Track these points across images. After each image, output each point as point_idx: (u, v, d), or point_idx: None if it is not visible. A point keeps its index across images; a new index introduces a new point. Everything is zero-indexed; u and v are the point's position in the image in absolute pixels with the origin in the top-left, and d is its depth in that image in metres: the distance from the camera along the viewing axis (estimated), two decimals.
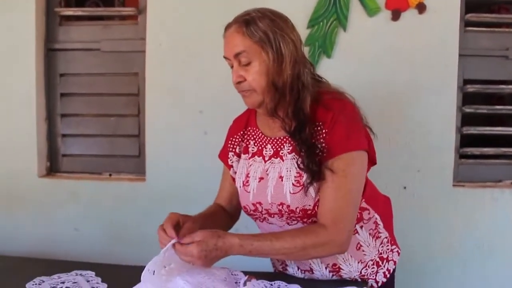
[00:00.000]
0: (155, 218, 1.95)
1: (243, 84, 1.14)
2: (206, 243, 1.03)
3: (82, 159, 2.08)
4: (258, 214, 1.21)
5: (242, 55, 1.12)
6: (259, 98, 1.14)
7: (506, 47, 1.97)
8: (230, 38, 1.14)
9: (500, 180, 2.02)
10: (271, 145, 1.21)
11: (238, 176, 1.27)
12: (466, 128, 1.99)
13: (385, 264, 1.27)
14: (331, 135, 1.10)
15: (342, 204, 1.09)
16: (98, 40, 2.00)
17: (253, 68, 1.11)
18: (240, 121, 1.34)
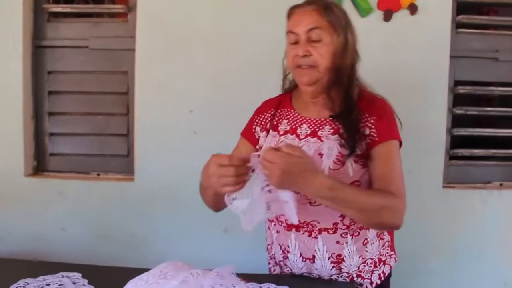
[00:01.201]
0: (144, 218, 1.98)
1: (308, 58, 1.18)
2: (299, 162, 1.01)
3: (69, 158, 2.05)
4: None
5: (315, 31, 1.18)
6: (317, 75, 1.19)
7: (496, 49, 1.98)
8: (305, 14, 1.20)
9: (489, 181, 2.03)
10: (307, 125, 1.26)
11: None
12: (457, 130, 2.00)
13: (381, 267, 1.29)
14: (380, 123, 1.19)
15: (400, 182, 1.17)
16: (87, 38, 1.97)
17: (322, 46, 1.18)
18: (271, 102, 1.37)
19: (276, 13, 1.85)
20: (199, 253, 1.94)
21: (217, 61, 1.90)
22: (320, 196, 1.08)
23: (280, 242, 1.28)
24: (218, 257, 1.95)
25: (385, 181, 1.16)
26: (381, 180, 1.16)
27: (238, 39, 1.90)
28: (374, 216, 1.12)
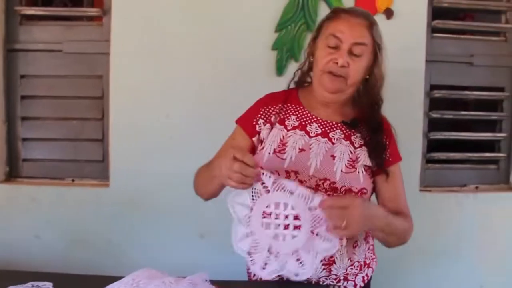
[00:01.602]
0: (119, 224, 1.95)
1: (344, 69, 1.19)
2: (363, 200, 1.13)
3: (43, 164, 2.00)
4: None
5: (360, 47, 1.19)
6: (343, 87, 1.21)
7: (471, 53, 2.00)
8: (355, 26, 1.20)
9: (465, 184, 2.05)
10: (317, 125, 1.28)
11: (269, 143, 1.26)
12: (433, 133, 2.01)
13: (366, 269, 1.32)
14: (391, 143, 1.29)
15: (407, 203, 1.31)
16: (61, 41, 1.92)
17: (361, 62, 1.20)
18: (277, 96, 1.36)
19: (252, 17, 1.88)
20: (175, 259, 1.90)
21: (193, 65, 1.88)
22: (378, 228, 1.17)
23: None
24: (195, 263, 1.91)
25: (398, 202, 1.28)
26: (395, 201, 1.27)
27: (214, 43, 1.88)
28: (399, 238, 1.24)
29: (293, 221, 1.05)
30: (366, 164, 1.24)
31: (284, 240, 1.04)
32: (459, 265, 2.02)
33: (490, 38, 2.05)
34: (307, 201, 1.05)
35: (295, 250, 1.04)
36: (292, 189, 1.06)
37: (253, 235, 1.06)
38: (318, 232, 1.05)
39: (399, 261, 1.96)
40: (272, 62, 1.88)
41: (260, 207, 1.06)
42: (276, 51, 1.87)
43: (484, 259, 2.03)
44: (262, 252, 1.04)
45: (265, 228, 1.05)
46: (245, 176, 1.06)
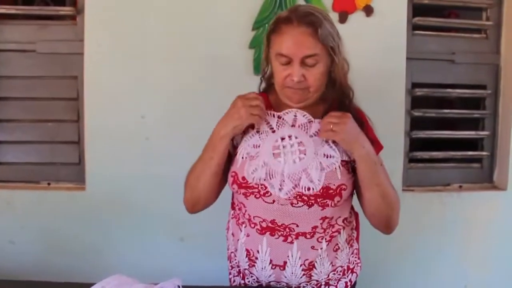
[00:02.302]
0: (96, 228, 1.90)
1: (303, 82, 1.16)
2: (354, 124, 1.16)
3: (18, 167, 1.95)
4: (259, 187, 1.18)
5: (311, 58, 1.14)
6: (307, 95, 1.19)
7: (453, 51, 1.98)
8: (300, 38, 1.13)
9: (448, 183, 2.03)
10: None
11: (243, 147, 1.23)
12: (415, 132, 1.99)
13: (349, 275, 1.29)
14: (368, 133, 1.23)
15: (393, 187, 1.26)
16: (34, 41, 1.88)
17: (317, 70, 1.16)
18: None
19: (229, 15, 1.84)
20: (155, 264, 1.88)
21: (168, 64, 1.84)
22: (371, 159, 1.16)
23: (248, 247, 1.23)
24: (174, 268, 1.89)
25: None
26: None
27: (190, 42, 1.84)
28: (388, 206, 1.21)
29: (298, 147, 1.18)
30: (343, 159, 1.20)
31: (294, 163, 1.16)
32: (443, 265, 2.00)
33: (472, 36, 2.03)
34: (307, 130, 1.20)
35: (304, 169, 1.16)
36: (293, 122, 1.21)
37: (267, 165, 1.17)
38: (320, 152, 1.18)
39: (381, 261, 1.94)
40: (250, 61, 1.84)
41: (269, 143, 1.20)
42: (253, 50, 1.83)
43: (469, 258, 2.02)
44: (277, 177, 1.16)
45: (276, 157, 1.18)
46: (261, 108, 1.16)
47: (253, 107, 1.15)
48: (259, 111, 1.16)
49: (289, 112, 1.21)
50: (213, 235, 1.81)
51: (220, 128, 1.21)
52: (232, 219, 1.32)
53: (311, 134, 1.20)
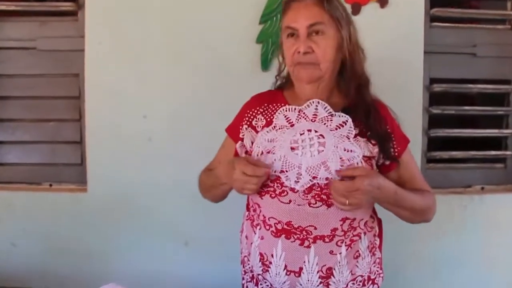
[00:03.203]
0: (99, 231, 1.84)
1: (310, 55, 1.13)
2: (371, 179, 1.06)
3: (19, 168, 1.90)
4: (275, 185, 1.14)
5: (317, 26, 1.12)
6: (318, 73, 1.15)
7: (474, 43, 1.86)
8: (306, 8, 1.14)
9: (469, 185, 1.92)
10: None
11: (257, 145, 1.19)
12: (434, 131, 1.88)
13: (370, 286, 1.21)
14: (394, 129, 1.20)
15: (424, 181, 1.27)
16: (34, 38, 1.82)
17: (324, 41, 1.12)
18: (261, 96, 1.29)
19: (234, 8, 1.75)
20: (158, 268, 1.83)
21: (172, 61, 1.77)
22: (388, 202, 1.13)
23: (262, 251, 1.16)
24: (179, 272, 1.82)
25: (416, 182, 1.23)
26: (413, 181, 1.22)
27: (195, 38, 1.76)
28: (421, 214, 1.20)
29: (318, 140, 1.12)
30: (365, 154, 1.14)
31: (313, 156, 1.11)
32: (465, 273, 1.89)
33: (495, 27, 1.91)
34: (327, 125, 1.14)
35: (323, 162, 1.10)
36: (313, 116, 1.16)
37: (284, 158, 1.12)
38: (341, 146, 1.12)
39: (399, 267, 1.84)
40: (257, 57, 1.75)
41: (287, 137, 1.14)
42: (260, 45, 1.74)
43: (491, 265, 1.89)
44: (294, 169, 1.11)
45: (293, 150, 1.13)
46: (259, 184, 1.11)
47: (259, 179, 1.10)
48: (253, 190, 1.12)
49: (310, 104, 1.16)
50: (219, 239, 1.76)
51: (223, 176, 1.19)
52: (247, 221, 1.25)
53: (332, 128, 1.14)
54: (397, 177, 1.21)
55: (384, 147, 1.17)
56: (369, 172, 1.09)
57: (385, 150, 1.17)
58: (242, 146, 1.24)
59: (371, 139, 1.16)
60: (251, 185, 1.09)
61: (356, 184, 1.04)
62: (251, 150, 1.21)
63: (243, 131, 1.23)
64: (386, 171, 1.21)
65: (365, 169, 1.10)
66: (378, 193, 1.08)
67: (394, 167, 1.20)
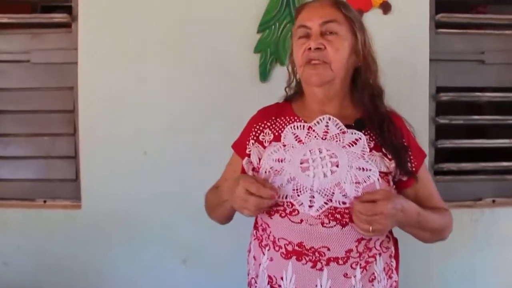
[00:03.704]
0: (94, 249, 1.77)
1: (321, 52, 1.08)
2: (394, 201, 1.00)
3: (12, 184, 1.84)
4: (285, 204, 1.07)
5: (331, 25, 1.09)
6: (330, 74, 1.10)
7: (482, 50, 1.79)
8: (321, 7, 1.13)
9: (480, 198, 1.83)
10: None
11: (265, 161, 1.13)
12: (441, 142, 1.80)
13: None
14: (410, 142, 1.16)
15: (440, 198, 1.22)
16: (28, 51, 1.78)
17: (337, 40, 1.09)
18: (268, 110, 1.24)
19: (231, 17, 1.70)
20: (155, 286, 1.75)
21: (168, 73, 1.72)
22: (411, 224, 1.08)
23: (270, 273, 1.09)
24: None
25: (431, 200, 1.18)
26: (428, 200, 1.17)
27: (191, 48, 1.71)
28: (440, 234, 1.17)
29: (330, 159, 1.07)
30: (382, 170, 1.08)
31: (325, 176, 1.05)
32: None
33: (503, 32, 1.83)
34: (340, 142, 1.09)
35: (337, 183, 1.04)
36: (323, 134, 1.10)
37: (294, 180, 1.06)
38: (355, 165, 1.06)
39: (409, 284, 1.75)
40: (255, 67, 1.69)
41: (297, 157, 1.08)
42: (259, 54, 1.69)
43: (506, 283, 1.80)
44: (306, 192, 1.04)
45: (304, 171, 1.06)
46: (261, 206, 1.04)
47: (261, 200, 1.02)
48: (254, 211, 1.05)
49: (320, 121, 1.12)
50: (222, 257, 1.70)
51: (226, 194, 1.13)
52: (254, 241, 1.18)
53: (344, 145, 1.09)
54: (415, 194, 1.16)
55: (401, 161, 1.11)
56: (390, 195, 1.03)
57: (402, 164, 1.11)
58: (249, 162, 1.19)
59: (387, 153, 1.10)
60: (251, 205, 1.02)
61: (379, 208, 0.98)
62: (258, 167, 1.15)
63: (249, 147, 1.19)
64: (403, 188, 1.15)
65: (385, 191, 1.04)
66: (401, 216, 1.02)
67: (412, 183, 1.15)
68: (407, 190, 1.16)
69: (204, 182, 1.30)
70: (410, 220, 1.06)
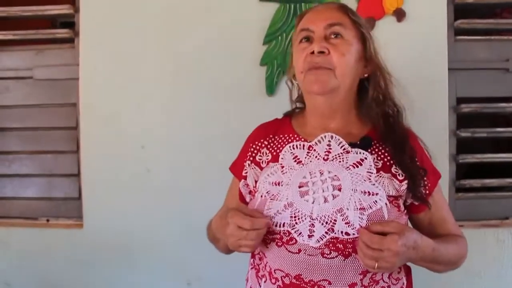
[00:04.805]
0: (95, 270, 1.70)
1: (325, 57, 1.00)
2: (407, 237, 0.90)
3: (16, 202, 1.82)
4: (282, 233, 0.98)
5: (336, 28, 1.02)
6: (333, 82, 1.00)
7: (506, 57, 1.67)
8: (326, 10, 1.06)
9: (506, 217, 1.70)
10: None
11: (262, 184, 1.05)
12: (463, 156, 1.68)
13: None
14: (425, 163, 1.06)
15: (455, 222, 1.12)
16: (31, 67, 1.76)
17: (344, 45, 1.01)
18: (267, 127, 1.15)
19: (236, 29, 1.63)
20: None
21: (170, 89, 1.66)
22: (424, 260, 0.97)
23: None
24: None
25: (445, 226, 1.09)
26: (442, 226, 1.08)
27: (194, 63, 1.65)
28: (454, 265, 1.07)
29: (332, 182, 0.98)
30: (390, 194, 0.98)
31: (326, 201, 0.96)
32: None
33: None
34: (343, 163, 1.00)
35: (340, 209, 0.95)
36: (325, 154, 1.02)
37: (291, 206, 0.97)
38: (359, 189, 0.97)
39: None
40: (262, 80, 1.62)
41: (295, 180, 1.00)
42: (265, 67, 1.61)
43: None
44: (305, 220, 0.96)
45: (303, 195, 0.98)
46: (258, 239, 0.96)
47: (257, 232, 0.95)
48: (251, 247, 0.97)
49: (322, 140, 1.03)
50: (225, 279, 1.60)
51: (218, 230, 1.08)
52: (252, 270, 1.10)
53: (347, 166, 0.99)
54: (428, 220, 1.08)
55: (414, 184, 1.01)
56: (403, 229, 0.91)
57: (416, 188, 1.01)
58: (245, 185, 1.10)
59: (398, 174, 1.00)
60: (248, 241, 0.94)
61: (387, 244, 0.87)
62: (255, 190, 1.06)
63: (246, 168, 1.10)
64: (415, 212, 1.07)
65: (398, 224, 0.93)
66: (413, 254, 0.92)
67: (425, 208, 1.06)
68: (420, 215, 1.07)
69: (209, 200, 1.23)
70: (424, 257, 0.96)
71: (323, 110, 1.05)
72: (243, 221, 0.93)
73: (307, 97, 1.08)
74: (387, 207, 0.96)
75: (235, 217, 0.94)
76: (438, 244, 0.98)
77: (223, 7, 1.63)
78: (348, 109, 1.07)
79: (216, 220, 1.13)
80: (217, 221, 1.12)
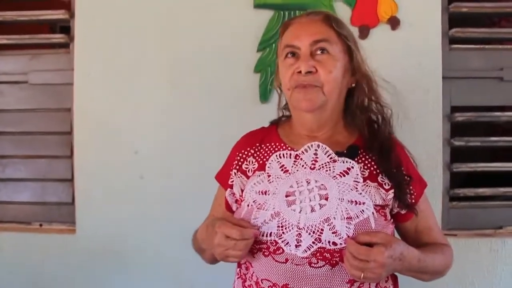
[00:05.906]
0: (88, 276, 1.70)
1: (312, 76, 0.99)
2: (394, 249, 0.90)
3: (8, 207, 1.81)
4: (269, 242, 0.98)
5: (322, 44, 1.00)
6: (321, 98, 1.01)
7: (501, 66, 1.67)
8: (310, 24, 1.04)
9: (500, 226, 1.69)
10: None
11: (248, 193, 1.05)
12: (457, 165, 1.68)
13: None
14: (411, 171, 1.06)
15: (440, 230, 1.14)
16: (26, 72, 1.76)
17: (329, 61, 1.00)
18: (254, 135, 1.15)
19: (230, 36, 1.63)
20: None
21: (164, 95, 1.66)
22: (410, 270, 0.97)
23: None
24: None
25: (433, 234, 1.10)
26: (428, 234, 1.09)
27: (188, 69, 1.65)
28: (440, 273, 1.07)
29: (319, 191, 0.97)
30: (377, 203, 0.98)
31: (313, 211, 0.96)
32: None
33: None
34: (330, 172, 1.00)
35: (327, 219, 0.95)
36: (312, 163, 1.02)
37: (278, 216, 0.97)
38: (346, 198, 0.97)
39: None
40: (255, 87, 1.62)
41: (282, 189, 1.00)
42: (259, 74, 1.61)
43: None
44: (292, 230, 0.95)
45: (290, 205, 0.97)
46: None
47: (246, 242, 0.94)
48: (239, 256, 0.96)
49: (308, 149, 1.03)
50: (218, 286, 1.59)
51: (204, 241, 1.07)
52: (238, 280, 1.09)
53: (334, 175, 0.99)
54: (414, 229, 1.08)
55: (400, 193, 1.01)
56: (390, 240, 0.91)
57: (402, 196, 1.01)
58: (231, 194, 1.09)
59: (384, 183, 1.00)
60: (236, 251, 0.93)
61: (373, 255, 0.87)
62: (241, 199, 1.06)
63: (232, 177, 1.09)
64: (402, 221, 1.07)
65: (385, 235, 0.93)
66: (399, 265, 0.92)
67: (411, 216, 1.06)
68: (406, 224, 1.07)
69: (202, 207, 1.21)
70: (410, 268, 0.96)
71: (311, 125, 1.06)
72: (231, 231, 0.92)
73: (295, 112, 1.08)
74: (374, 216, 0.96)
75: (223, 227, 0.93)
76: (424, 254, 0.98)
77: (218, 14, 1.63)
78: (336, 120, 1.08)
79: (202, 230, 1.12)
80: (203, 231, 1.10)
